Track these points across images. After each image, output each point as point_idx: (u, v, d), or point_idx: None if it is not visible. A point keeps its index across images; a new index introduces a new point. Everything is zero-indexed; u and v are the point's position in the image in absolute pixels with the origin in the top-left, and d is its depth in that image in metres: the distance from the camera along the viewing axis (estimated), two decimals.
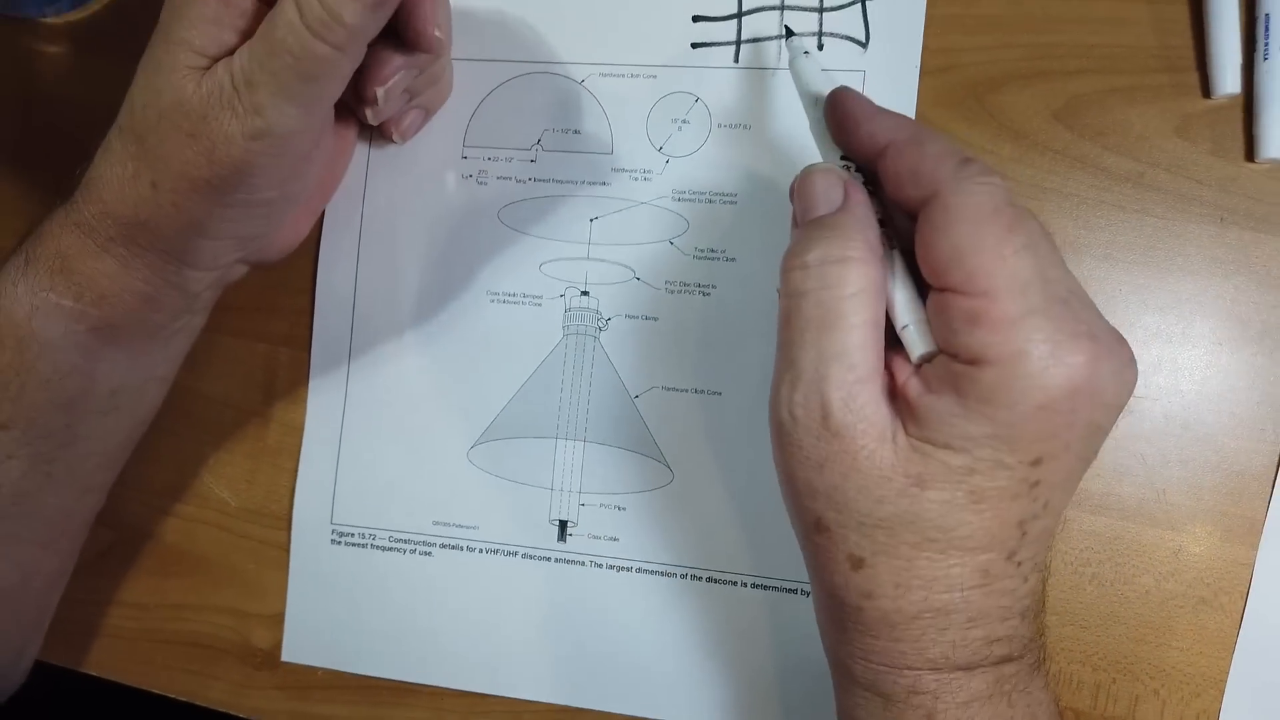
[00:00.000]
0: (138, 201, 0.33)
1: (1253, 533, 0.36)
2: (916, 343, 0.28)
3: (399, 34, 0.35)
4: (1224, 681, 0.36)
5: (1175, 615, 0.37)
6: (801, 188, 0.30)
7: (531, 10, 0.42)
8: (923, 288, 0.28)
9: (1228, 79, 0.36)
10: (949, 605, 0.28)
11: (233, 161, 0.32)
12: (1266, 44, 0.36)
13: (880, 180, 0.30)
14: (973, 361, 0.26)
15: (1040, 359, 0.25)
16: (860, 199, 0.30)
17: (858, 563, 0.28)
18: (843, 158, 0.31)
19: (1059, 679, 0.37)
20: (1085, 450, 0.27)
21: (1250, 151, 0.37)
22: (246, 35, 0.32)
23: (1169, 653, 0.37)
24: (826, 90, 0.32)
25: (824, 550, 0.29)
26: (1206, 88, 0.37)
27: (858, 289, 0.27)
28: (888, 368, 0.28)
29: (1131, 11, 0.38)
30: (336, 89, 0.33)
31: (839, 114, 0.31)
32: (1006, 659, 0.28)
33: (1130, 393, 0.27)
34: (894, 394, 0.28)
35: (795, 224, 0.31)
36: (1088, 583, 0.37)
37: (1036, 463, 0.26)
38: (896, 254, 0.29)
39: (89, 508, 0.41)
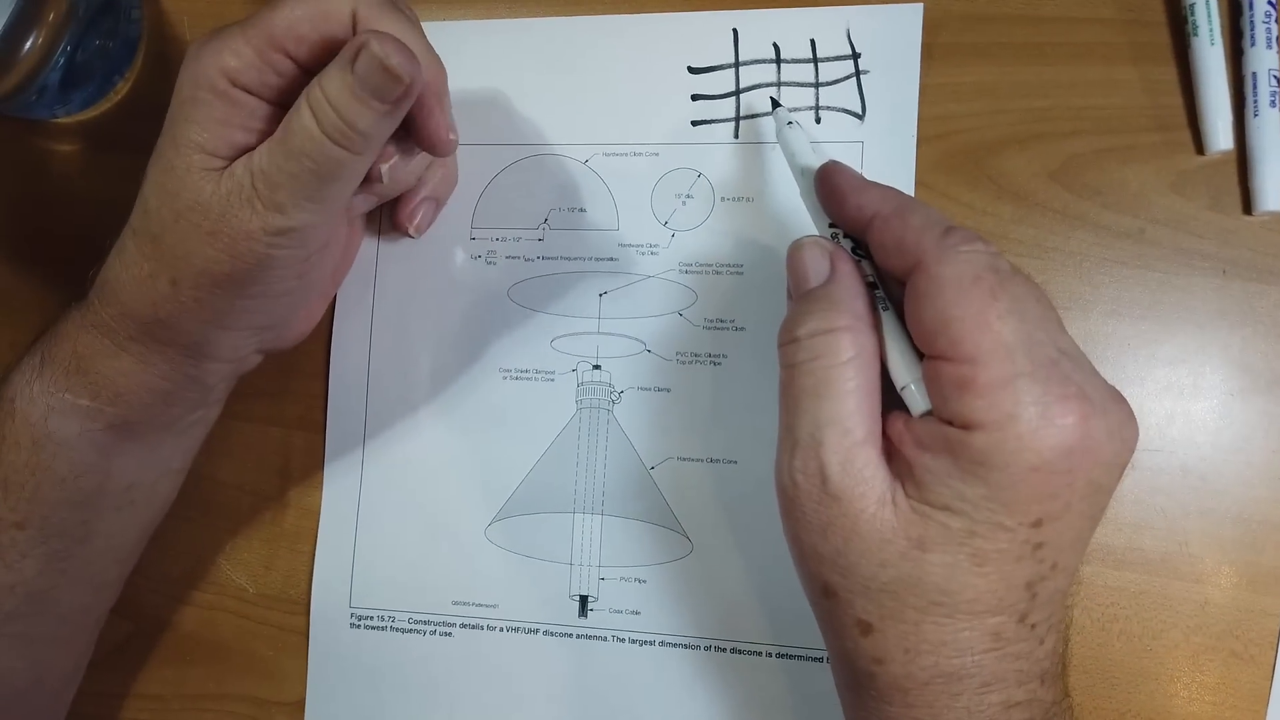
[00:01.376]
0: (157, 300, 0.34)
1: (1279, 582, 0.36)
2: (918, 402, 0.28)
3: (412, 137, 0.35)
4: None
5: (1206, 668, 0.37)
6: (791, 262, 0.31)
7: (533, 94, 0.44)
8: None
9: (1220, 136, 0.37)
10: (961, 670, 0.27)
11: (255, 256, 0.32)
12: (1255, 101, 0.37)
13: (870, 252, 0.30)
14: (965, 426, 0.26)
15: (1029, 421, 0.25)
16: (847, 269, 0.31)
17: (866, 628, 0.28)
18: (831, 225, 0.32)
19: None
20: (1089, 509, 0.27)
21: (1247, 205, 0.38)
22: (255, 133, 0.33)
23: (1203, 706, 0.36)
24: (812, 158, 0.34)
25: (833, 616, 0.29)
26: (1200, 145, 0.38)
27: (848, 356, 0.28)
28: (887, 430, 0.29)
29: (1121, 74, 0.39)
30: (350, 186, 0.34)
31: (827, 188, 0.32)
32: None
33: (1131, 450, 0.27)
34: (893, 455, 0.28)
35: (790, 296, 0.32)
36: (1115, 639, 0.37)
37: (1037, 524, 0.26)
38: (891, 315, 0.30)
39: (104, 603, 0.40)
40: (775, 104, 0.39)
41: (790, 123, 0.37)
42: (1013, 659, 0.28)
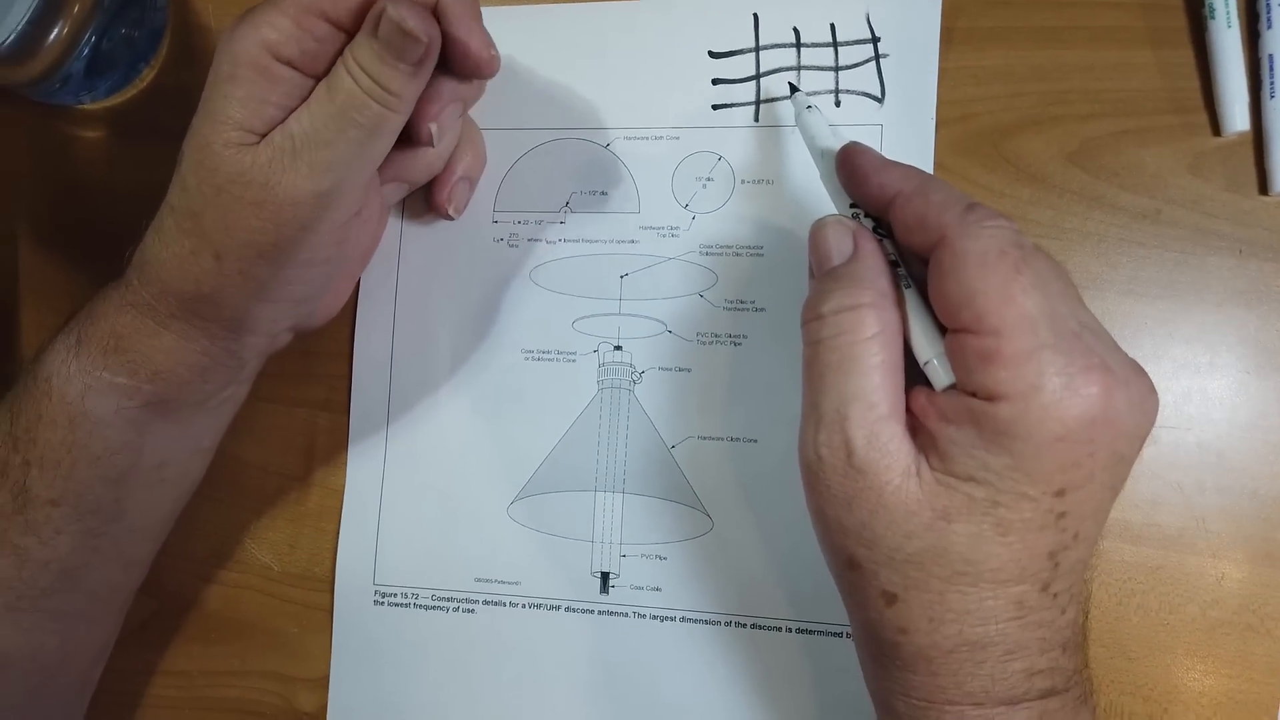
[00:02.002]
0: (200, 276, 0.34)
1: None
2: (941, 376, 0.29)
3: (454, 69, 0.36)
4: (1276, 708, 0.36)
5: (1222, 643, 0.37)
6: (814, 241, 0.32)
7: (555, 79, 0.44)
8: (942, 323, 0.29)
9: (1237, 117, 0.38)
10: (984, 638, 0.28)
11: (299, 221, 0.33)
12: (1272, 83, 0.37)
13: (892, 230, 0.31)
14: (989, 398, 0.27)
15: (1054, 392, 0.26)
16: (870, 247, 0.31)
17: (890, 599, 0.29)
18: (852, 205, 0.33)
19: (1110, 711, 0.37)
20: (1111, 480, 0.28)
21: (1264, 185, 0.38)
22: (286, 109, 0.33)
23: (1219, 680, 0.37)
24: (831, 140, 0.34)
25: (858, 587, 0.29)
26: (1216, 126, 0.38)
27: (873, 333, 0.29)
28: (910, 405, 0.29)
29: (1138, 57, 0.39)
30: (390, 142, 0.35)
31: (849, 168, 0.32)
32: (1050, 692, 0.29)
33: (1152, 421, 0.28)
34: (917, 430, 0.29)
35: (811, 275, 0.32)
36: (1133, 613, 0.38)
37: (1060, 493, 0.27)
38: (913, 292, 0.30)
39: (133, 580, 0.41)
40: (793, 89, 0.40)
41: (809, 106, 0.37)
42: (1035, 627, 0.28)
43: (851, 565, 0.29)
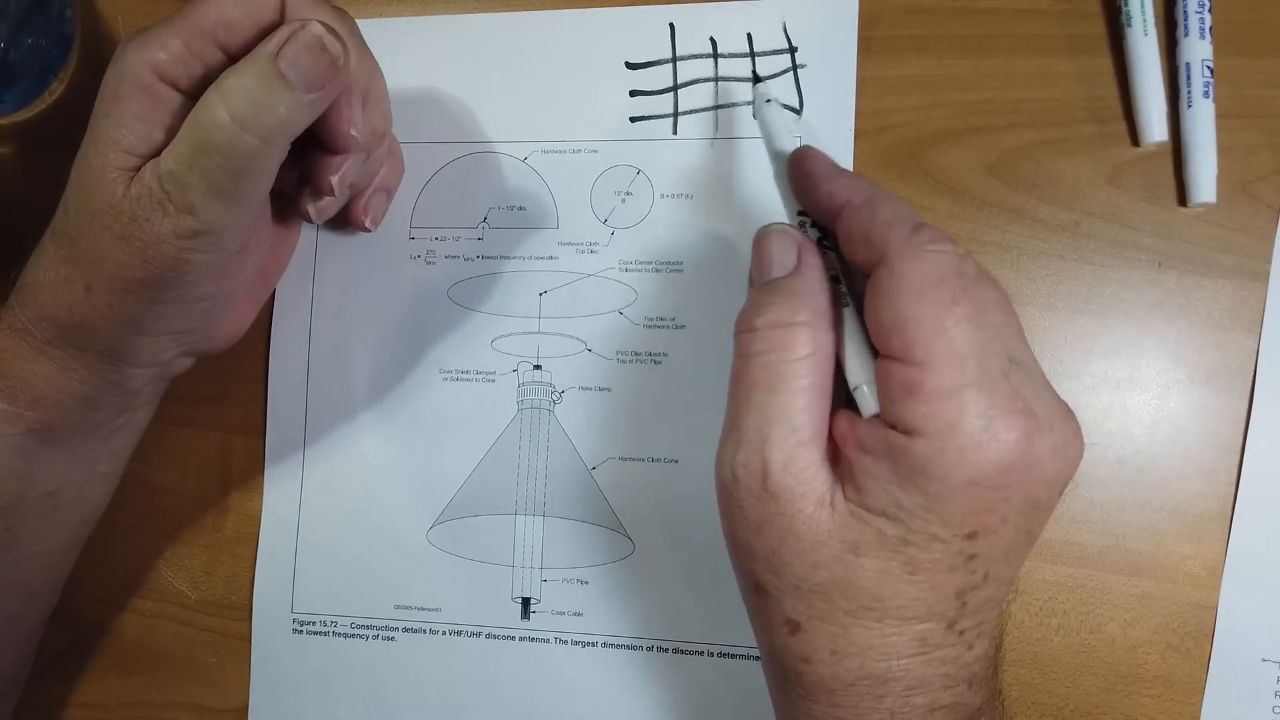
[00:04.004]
0: (72, 305, 0.33)
1: (1214, 575, 0.36)
2: (869, 403, 0.28)
3: (319, 138, 0.35)
4: None
5: (1144, 662, 0.37)
6: (757, 248, 0.31)
7: (470, 92, 0.43)
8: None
9: (1155, 127, 0.37)
10: (886, 673, 0.27)
11: (166, 261, 0.32)
12: (1189, 92, 0.37)
13: (838, 242, 0.30)
14: (907, 432, 0.26)
15: (971, 434, 0.25)
16: (813, 262, 0.30)
17: (794, 627, 0.28)
18: (800, 213, 0.32)
19: None
20: (1026, 524, 0.27)
21: (1182, 197, 0.37)
22: (172, 131, 0.32)
23: (1140, 700, 0.37)
24: (788, 139, 0.33)
25: (763, 613, 0.29)
26: (1135, 136, 0.38)
27: (804, 353, 0.28)
28: (833, 429, 0.28)
29: (1057, 66, 0.39)
30: (265, 183, 0.33)
31: (799, 173, 0.31)
32: None
33: (1073, 468, 0.27)
34: (837, 457, 0.28)
35: (751, 283, 0.31)
36: (1053, 634, 0.37)
37: (971, 536, 0.26)
38: (851, 311, 0.29)
39: (37, 610, 0.40)
40: (756, 78, 0.39)
41: (769, 100, 0.36)
42: (939, 664, 0.28)
43: (758, 590, 0.29)
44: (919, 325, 0.26)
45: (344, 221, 0.42)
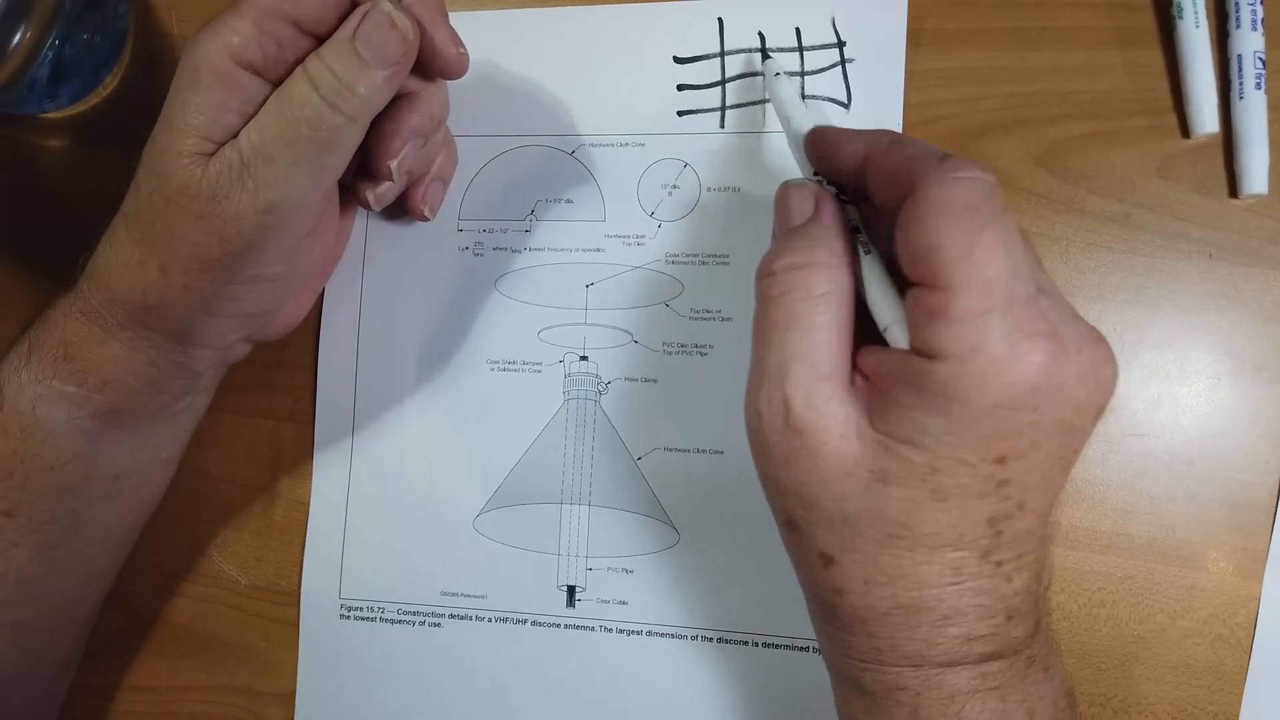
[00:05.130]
0: (146, 287, 0.34)
1: (1264, 566, 0.36)
2: (900, 341, 0.28)
3: (424, 69, 0.35)
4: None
5: (1193, 653, 0.36)
6: (778, 203, 0.32)
7: (519, 86, 0.43)
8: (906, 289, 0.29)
9: (1206, 119, 0.37)
10: (918, 602, 0.27)
11: (244, 238, 0.33)
12: (1240, 83, 0.37)
13: (868, 192, 0.30)
14: (931, 356, 0.26)
15: (994, 356, 0.25)
16: (830, 209, 0.30)
17: (828, 560, 0.28)
18: (816, 173, 0.33)
19: None
20: (1059, 450, 0.27)
21: (1233, 188, 0.37)
22: (248, 115, 0.33)
23: (1190, 691, 0.36)
24: (800, 108, 0.35)
25: (798, 548, 0.29)
26: (1185, 128, 0.38)
27: (821, 291, 0.28)
28: (861, 363, 0.29)
29: (1106, 58, 0.39)
30: (344, 160, 0.34)
31: (819, 146, 0.32)
32: (992, 656, 0.28)
33: (1108, 393, 0.27)
34: (869, 391, 0.28)
35: (773, 237, 0.32)
36: (1102, 624, 0.37)
37: (1001, 460, 0.26)
38: (873, 258, 0.29)
39: (96, 593, 0.41)
40: (765, 55, 0.40)
41: (778, 74, 0.37)
42: (974, 594, 0.27)
43: (790, 526, 0.29)
44: (947, 250, 0.26)
45: (398, 212, 0.42)
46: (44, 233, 0.48)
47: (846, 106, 0.40)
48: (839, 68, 0.41)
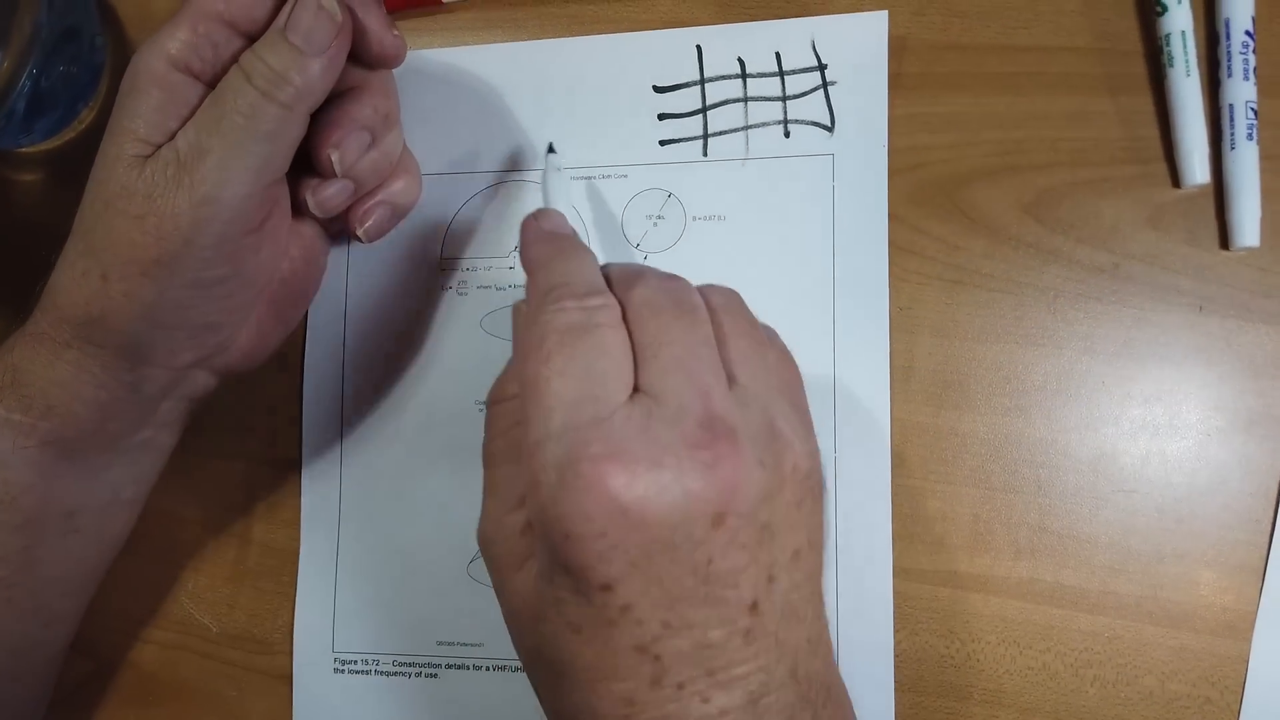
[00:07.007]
0: (89, 297, 0.33)
1: (1251, 627, 0.35)
2: None
3: (361, 58, 0.36)
4: None
5: (1182, 717, 0.36)
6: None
7: (499, 121, 0.43)
8: None
9: (1196, 169, 0.36)
10: None
11: (180, 234, 0.32)
12: (1232, 134, 0.36)
13: None
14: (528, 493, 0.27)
15: (548, 486, 0.25)
16: None
17: (540, 695, 0.29)
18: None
19: None
20: (671, 570, 0.25)
21: (1224, 239, 0.37)
22: (186, 119, 0.33)
23: None
24: (561, 204, 0.36)
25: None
26: (1176, 178, 0.37)
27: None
28: None
29: (1096, 105, 0.38)
30: (284, 153, 0.34)
31: (521, 235, 0.33)
32: None
33: (690, 507, 0.25)
34: None
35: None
36: (1089, 685, 0.36)
37: (606, 589, 0.25)
38: None
39: (58, 637, 0.40)
40: (550, 149, 0.41)
41: (559, 170, 0.39)
42: None
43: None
44: (523, 385, 0.27)
45: (380, 252, 0.42)
46: (15, 267, 0.47)
47: (830, 130, 0.40)
48: (821, 90, 0.40)
